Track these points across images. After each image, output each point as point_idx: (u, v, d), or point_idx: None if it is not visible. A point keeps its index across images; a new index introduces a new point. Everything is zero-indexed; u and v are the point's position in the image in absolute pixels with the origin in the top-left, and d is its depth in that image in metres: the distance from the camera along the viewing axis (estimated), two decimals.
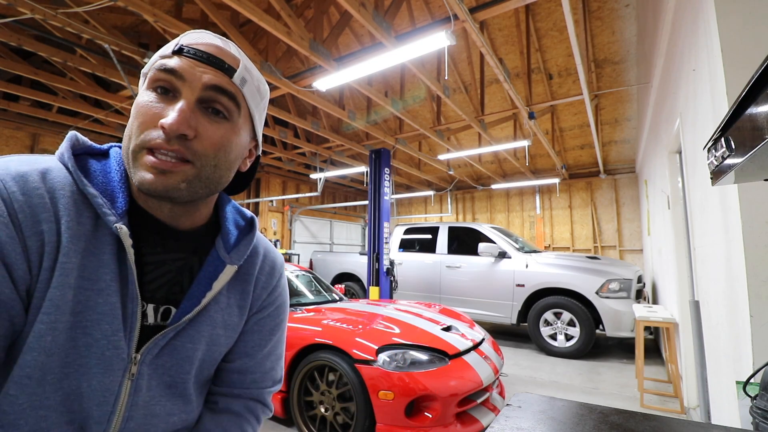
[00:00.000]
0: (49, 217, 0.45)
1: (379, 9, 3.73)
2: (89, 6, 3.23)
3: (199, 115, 0.50)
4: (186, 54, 0.49)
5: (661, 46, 2.96)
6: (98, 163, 0.53)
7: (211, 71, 0.50)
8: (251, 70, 0.55)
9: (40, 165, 0.47)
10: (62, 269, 0.44)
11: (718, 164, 0.63)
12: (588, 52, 5.71)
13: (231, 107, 0.52)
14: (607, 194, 9.08)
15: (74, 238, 0.46)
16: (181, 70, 0.49)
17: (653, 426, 0.70)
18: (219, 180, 0.54)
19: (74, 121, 6.42)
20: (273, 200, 10.41)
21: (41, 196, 0.45)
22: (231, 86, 0.52)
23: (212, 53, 0.51)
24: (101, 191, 0.50)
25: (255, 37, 5.71)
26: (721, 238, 1.62)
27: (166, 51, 0.51)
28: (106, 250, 0.48)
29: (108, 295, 0.47)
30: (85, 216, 0.48)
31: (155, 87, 0.49)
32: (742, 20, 1.36)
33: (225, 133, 0.52)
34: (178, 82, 0.49)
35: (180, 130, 0.47)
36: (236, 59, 0.53)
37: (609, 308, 4.38)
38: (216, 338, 0.59)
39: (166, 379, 0.54)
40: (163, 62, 0.49)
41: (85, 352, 0.46)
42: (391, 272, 5.56)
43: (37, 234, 0.44)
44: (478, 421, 2.20)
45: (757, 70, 0.46)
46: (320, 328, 2.49)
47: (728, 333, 1.59)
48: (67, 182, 0.48)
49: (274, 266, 0.68)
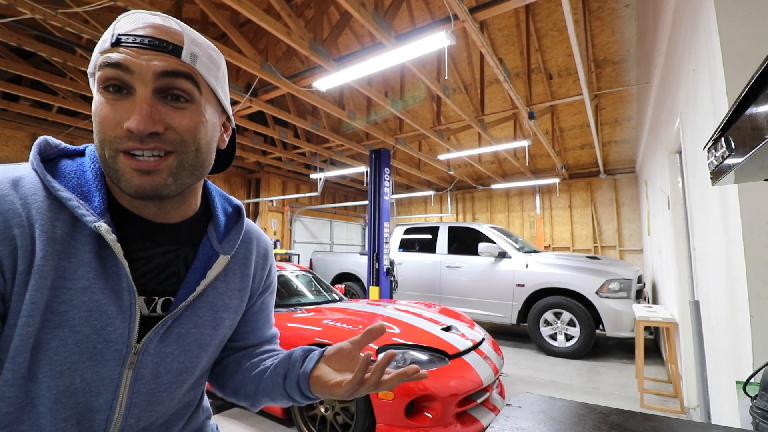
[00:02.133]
0: (21, 222, 0.45)
1: (379, 9, 3.73)
2: (89, 6, 3.23)
3: (161, 106, 0.48)
4: (125, 44, 0.46)
5: (661, 46, 2.96)
6: (73, 163, 0.53)
7: (158, 56, 0.47)
8: (199, 42, 0.52)
9: (13, 174, 0.47)
10: (40, 272, 0.45)
11: (718, 164, 0.63)
12: (588, 52, 5.71)
13: (190, 88, 0.50)
14: (607, 194, 9.08)
15: (50, 241, 0.46)
16: (126, 62, 0.46)
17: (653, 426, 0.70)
18: (203, 164, 0.54)
19: (74, 121, 6.42)
20: (273, 200, 10.41)
21: (11, 203, 0.45)
22: (183, 66, 0.49)
23: (153, 35, 0.47)
24: (76, 192, 0.50)
25: (255, 37, 5.71)
26: (721, 238, 1.62)
27: (104, 44, 0.47)
28: (86, 249, 0.48)
29: (92, 293, 0.48)
30: (60, 219, 0.48)
31: (106, 86, 0.47)
32: (742, 20, 1.36)
33: (193, 115, 0.50)
34: (127, 76, 0.46)
35: (147, 129, 0.46)
36: (179, 34, 0.49)
37: (609, 308, 4.38)
38: (220, 321, 0.61)
39: (177, 366, 0.56)
40: (105, 57, 0.46)
41: (76, 348, 0.47)
42: (391, 272, 5.56)
43: (8, 239, 0.44)
44: (478, 421, 2.20)
45: (757, 70, 0.46)
46: (320, 328, 2.49)
47: (728, 333, 1.59)
48: (39, 188, 0.48)
49: (267, 249, 0.72)
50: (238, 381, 0.68)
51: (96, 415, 0.49)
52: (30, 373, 0.45)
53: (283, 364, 0.64)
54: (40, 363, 0.45)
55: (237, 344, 0.71)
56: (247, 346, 0.72)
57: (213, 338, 0.61)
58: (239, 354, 0.71)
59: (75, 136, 7.17)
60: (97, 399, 0.49)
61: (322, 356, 0.62)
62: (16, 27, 3.91)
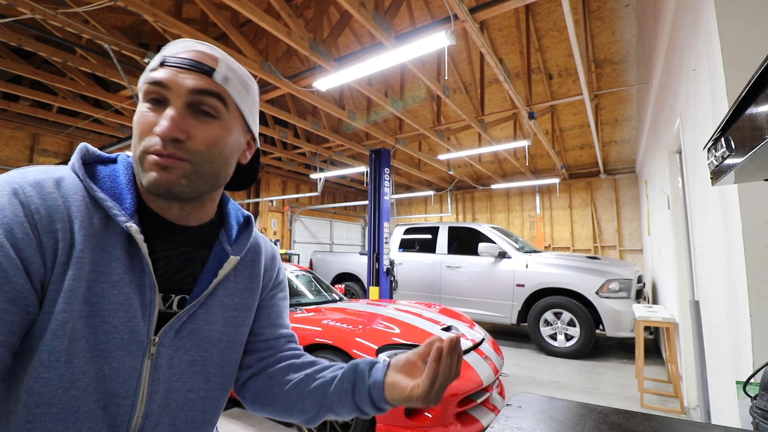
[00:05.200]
0: (63, 218, 0.50)
1: (379, 9, 3.73)
2: (89, 6, 3.23)
3: (189, 118, 0.55)
4: (168, 64, 0.54)
5: (661, 46, 2.96)
6: (107, 169, 0.59)
7: (193, 75, 0.54)
8: (234, 68, 0.59)
9: (55, 174, 0.53)
10: (78, 263, 0.49)
11: (718, 164, 0.63)
12: (588, 52, 5.71)
13: (217, 106, 0.56)
14: (607, 194, 9.08)
15: (87, 236, 0.51)
16: (166, 80, 0.53)
17: (653, 426, 0.70)
18: (218, 174, 0.59)
19: (74, 121, 6.42)
20: (273, 200, 10.41)
21: (55, 200, 0.50)
22: (213, 86, 0.56)
23: (192, 58, 0.55)
24: (110, 194, 0.55)
25: (255, 37, 5.71)
26: (721, 238, 1.62)
27: (153, 64, 0.56)
28: (117, 246, 0.54)
29: (122, 287, 0.53)
30: (96, 217, 0.53)
31: (148, 99, 0.55)
32: (742, 20, 1.36)
33: (215, 130, 0.57)
34: (165, 91, 0.54)
35: (172, 134, 0.52)
36: (215, 59, 0.57)
37: (609, 308, 4.38)
38: (232, 319, 0.66)
39: (187, 358, 0.60)
40: (150, 75, 0.54)
41: (105, 337, 0.51)
42: (391, 272, 5.56)
43: (51, 232, 0.49)
44: (478, 421, 2.20)
45: (757, 70, 0.46)
46: (320, 328, 2.49)
47: (728, 333, 1.59)
48: (79, 188, 0.54)
49: (274, 256, 0.79)
50: (290, 397, 0.69)
51: (122, 401, 0.53)
52: (66, 358, 0.48)
53: (348, 376, 0.66)
54: (75, 349, 0.49)
55: (256, 339, 0.74)
56: (266, 344, 0.75)
57: (225, 335, 0.65)
58: (279, 366, 0.72)
59: (75, 136, 7.17)
60: (123, 386, 0.53)
61: (389, 366, 0.65)
62: (16, 27, 3.91)
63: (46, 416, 0.47)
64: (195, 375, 0.61)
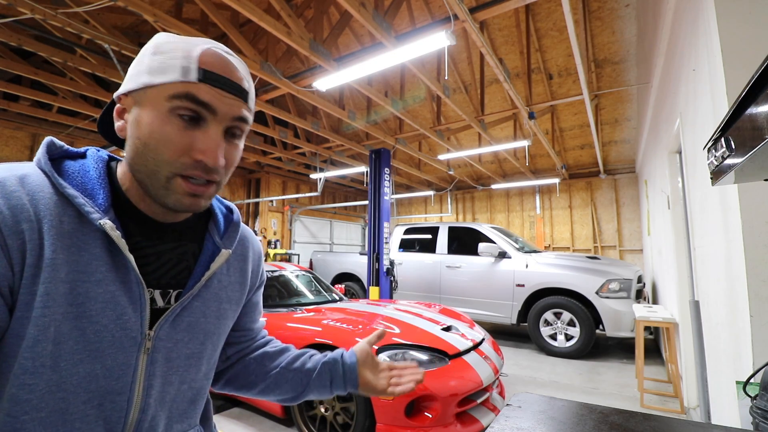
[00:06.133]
0: (29, 217, 0.47)
1: (379, 9, 3.73)
2: (89, 6, 3.23)
3: (224, 143, 0.55)
4: (211, 82, 0.51)
5: (661, 46, 2.96)
6: (76, 164, 0.56)
7: (236, 102, 0.54)
8: (249, 79, 0.58)
9: (18, 171, 0.50)
10: (51, 265, 0.47)
11: (718, 164, 0.63)
12: (588, 52, 5.71)
13: (245, 128, 0.57)
14: (607, 194, 9.08)
15: (58, 236, 0.48)
16: (212, 103, 0.51)
17: (653, 426, 0.70)
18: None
19: (74, 121, 6.42)
20: (273, 200, 10.41)
21: (19, 198, 0.47)
22: (249, 111, 0.57)
23: (234, 80, 0.54)
24: (81, 191, 0.52)
25: (255, 37, 5.71)
26: (721, 238, 1.62)
27: (187, 75, 0.50)
28: (96, 244, 0.51)
29: (106, 285, 0.51)
30: (67, 215, 0.50)
31: (182, 114, 0.51)
32: (742, 20, 1.36)
33: (238, 149, 0.58)
34: (206, 112, 0.52)
35: (219, 165, 0.53)
36: (247, 79, 0.56)
37: (609, 308, 4.38)
38: (224, 312, 0.67)
39: (186, 351, 0.61)
40: (190, 92, 0.50)
41: (95, 337, 0.50)
42: (391, 272, 5.56)
43: (17, 233, 0.46)
44: (478, 421, 2.20)
45: (757, 70, 0.46)
46: (320, 328, 2.49)
47: (728, 333, 1.59)
48: (45, 185, 0.50)
49: (259, 250, 0.80)
50: (269, 385, 0.78)
51: (117, 397, 0.53)
52: (52, 362, 0.47)
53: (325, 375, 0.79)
54: (61, 352, 0.48)
55: (239, 333, 0.78)
56: (248, 336, 0.81)
57: (217, 327, 0.66)
58: (254, 356, 0.80)
59: (75, 136, 7.17)
60: (117, 383, 0.52)
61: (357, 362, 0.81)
62: (16, 27, 3.91)
63: (35, 421, 0.46)
64: (190, 367, 0.62)
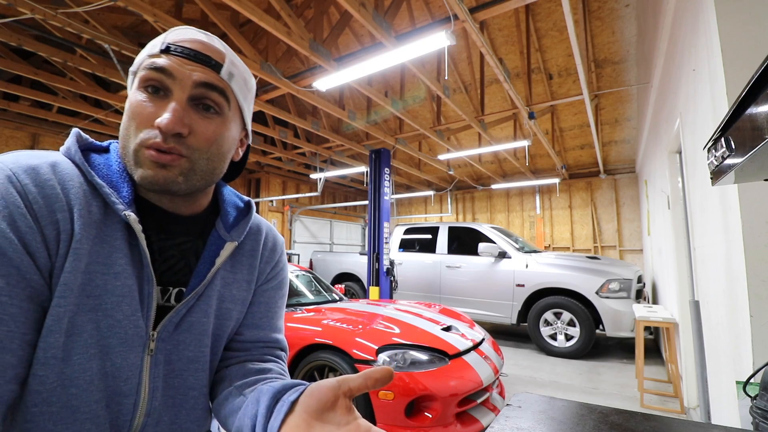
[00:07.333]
0: (63, 207, 0.47)
1: (379, 9, 3.73)
2: (89, 6, 3.23)
3: (192, 112, 0.52)
4: (174, 52, 0.51)
5: (661, 46, 2.96)
6: (100, 158, 0.56)
7: (200, 68, 0.52)
8: (237, 64, 0.57)
9: (49, 158, 0.49)
10: (75, 255, 0.46)
11: (718, 164, 0.63)
12: (588, 52, 5.71)
13: (221, 102, 0.54)
14: (607, 194, 9.08)
15: (86, 225, 0.48)
16: (171, 68, 0.50)
17: (653, 426, 0.70)
18: (213, 171, 0.57)
19: (74, 121, 6.42)
20: (273, 200, 10.41)
21: (53, 187, 0.47)
22: (220, 82, 0.53)
23: (199, 50, 0.52)
24: (106, 182, 0.52)
25: (255, 37, 5.71)
26: (721, 238, 1.62)
27: (153, 49, 0.52)
28: (118, 236, 0.51)
29: (125, 278, 0.50)
30: (94, 205, 0.50)
31: (146, 86, 0.51)
32: (742, 20, 1.36)
33: (216, 127, 0.54)
34: (168, 80, 0.50)
35: (175, 129, 0.49)
36: (222, 54, 0.54)
37: (609, 308, 4.38)
38: (226, 312, 0.63)
39: (188, 354, 0.58)
40: (152, 61, 0.50)
41: (108, 332, 0.49)
42: (391, 272, 5.56)
43: (53, 223, 0.46)
44: (478, 421, 2.20)
45: (757, 70, 0.46)
46: (320, 328, 2.49)
47: (728, 333, 1.59)
48: (75, 174, 0.50)
49: (275, 243, 0.73)
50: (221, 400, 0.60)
51: (124, 400, 0.51)
52: (64, 354, 0.46)
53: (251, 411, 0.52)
54: (74, 345, 0.46)
55: (238, 338, 0.67)
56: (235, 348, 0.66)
57: (220, 328, 0.63)
58: (233, 368, 0.63)
59: None
60: (125, 384, 0.51)
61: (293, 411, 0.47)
62: (16, 27, 3.91)
63: (44, 415, 0.45)
64: (197, 372, 0.59)
